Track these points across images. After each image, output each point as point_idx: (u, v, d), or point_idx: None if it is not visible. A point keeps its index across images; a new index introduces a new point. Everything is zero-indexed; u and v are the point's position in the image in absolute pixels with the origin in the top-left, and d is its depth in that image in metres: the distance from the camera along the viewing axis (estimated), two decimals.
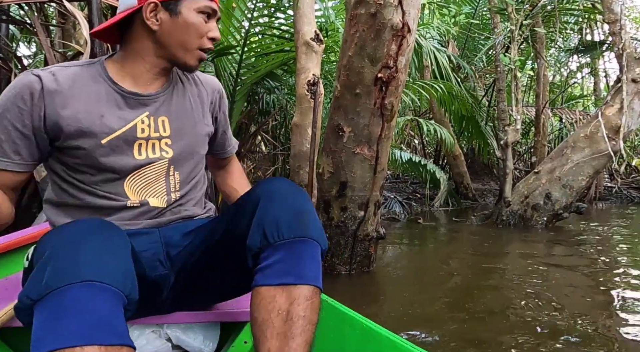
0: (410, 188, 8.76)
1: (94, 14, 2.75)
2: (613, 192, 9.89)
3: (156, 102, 1.31)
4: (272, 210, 1.14)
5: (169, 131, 1.32)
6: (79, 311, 0.87)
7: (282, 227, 1.11)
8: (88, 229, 0.99)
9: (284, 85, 5.71)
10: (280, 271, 1.10)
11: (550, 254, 3.93)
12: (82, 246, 0.94)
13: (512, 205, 5.50)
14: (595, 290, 2.79)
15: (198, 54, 1.30)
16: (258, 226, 1.13)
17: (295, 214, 1.14)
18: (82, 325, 0.86)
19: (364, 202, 2.94)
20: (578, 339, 2.02)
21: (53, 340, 0.86)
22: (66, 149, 1.21)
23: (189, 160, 1.38)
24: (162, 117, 1.32)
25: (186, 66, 1.31)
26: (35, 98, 1.16)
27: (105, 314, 0.89)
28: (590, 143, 5.25)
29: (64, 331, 0.86)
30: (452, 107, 7.21)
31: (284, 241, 1.11)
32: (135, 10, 1.23)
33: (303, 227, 1.14)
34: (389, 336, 1.22)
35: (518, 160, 11.19)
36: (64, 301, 0.88)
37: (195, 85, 1.44)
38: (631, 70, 5.20)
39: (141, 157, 1.28)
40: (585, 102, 13.90)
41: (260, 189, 1.22)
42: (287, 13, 4.76)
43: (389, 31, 2.61)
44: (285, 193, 1.18)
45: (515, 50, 5.95)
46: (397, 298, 2.65)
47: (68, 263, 0.91)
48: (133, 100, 1.28)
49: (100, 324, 0.88)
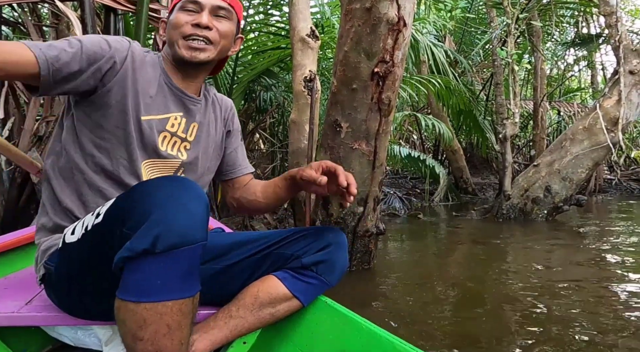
0: (410, 183, 8.76)
1: (87, 14, 2.73)
2: (613, 185, 9.90)
3: (195, 106, 1.44)
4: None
5: (193, 137, 1.44)
6: (190, 268, 1.02)
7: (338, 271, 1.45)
8: (185, 185, 1.05)
9: (281, 83, 5.70)
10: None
11: (551, 247, 3.92)
12: (188, 204, 1.01)
13: (512, 198, 5.49)
14: (597, 283, 2.77)
15: (184, 44, 1.35)
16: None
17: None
18: (193, 279, 1.04)
19: (363, 197, 2.93)
20: (581, 333, 2.01)
21: (177, 290, 1.01)
22: (105, 106, 1.26)
23: (198, 169, 1.48)
24: (194, 122, 1.45)
25: (181, 59, 1.37)
26: (120, 52, 1.27)
27: (197, 269, 1.06)
28: (589, 135, 5.24)
29: (185, 284, 1.02)
30: (450, 102, 7.21)
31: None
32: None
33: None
34: (389, 337, 1.21)
35: (517, 154, 11.20)
36: (184, 259, 1.00)
37: (215, 103, 1.57)
38: (628, 62, 5.20)
39: (163, 148, 1.37)
40: (583, 95, 13.91)
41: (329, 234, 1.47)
42: (283, 10, 4.76)
43: (384, 25, 2.59)
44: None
45: (512, 44, 5.93)
46: (398, 294, 2.64)
47: (184, 223, 0.99)
48: (177, 96, 1.40)
49: (196, 277, 1.06)
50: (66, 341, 1.48)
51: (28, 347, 1.55)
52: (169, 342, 1.03)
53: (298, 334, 1.45)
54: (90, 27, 2.73)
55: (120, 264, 1.00)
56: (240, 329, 1.35)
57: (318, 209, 3.02)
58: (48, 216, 1.31)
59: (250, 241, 1.48)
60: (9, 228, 3.13)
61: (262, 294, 1.37)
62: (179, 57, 1.36)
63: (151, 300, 0.99)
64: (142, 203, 1.01)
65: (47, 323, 1.41)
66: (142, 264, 0.98)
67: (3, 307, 1.35)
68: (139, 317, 1.00)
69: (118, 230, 1.02)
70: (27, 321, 1.35)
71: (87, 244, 1.12)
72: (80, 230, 1.15)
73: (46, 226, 1.31)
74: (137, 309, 0.99)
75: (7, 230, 3.09)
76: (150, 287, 0.99)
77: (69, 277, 1.20)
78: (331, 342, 1.36)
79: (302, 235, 1.47)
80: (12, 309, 1.34)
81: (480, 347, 1.89)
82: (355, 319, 1.33)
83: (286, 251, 1.45)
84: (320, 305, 1.46)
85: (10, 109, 3.57)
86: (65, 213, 1.29)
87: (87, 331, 1.44)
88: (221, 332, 1.33)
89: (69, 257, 1.17)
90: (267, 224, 4.59)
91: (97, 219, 1.10)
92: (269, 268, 1.44)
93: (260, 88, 5.66)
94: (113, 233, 1.04)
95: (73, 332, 1.45)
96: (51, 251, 1.26)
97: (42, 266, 1.27)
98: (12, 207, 3.28)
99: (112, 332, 1.36)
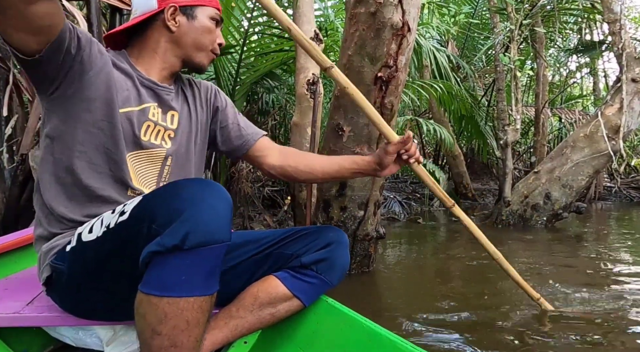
0: (410, 188, 8.76)
1: (93, 14, 2.75)
2: (613, 192, 9.89)
3: (169, 95, 1.45)
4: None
5: (175, 124, 1.45)
6: (213, 267, 1.07)
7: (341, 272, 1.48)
8: (213, 187, 1.08)
9: (284, 85, 5.70)
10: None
11: (551, 254, 3.92)
12: (216, 205, 1.05)
13: (512, 205, 5.49)
14: (597, 290, 2.78)
15: (209, 55, 1.47)
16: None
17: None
18: (214, 278, 1.09)
19: (363, 201, 2.94)
20: (581, 339, 2.01)
21: (199, 287, 1.05)
22: (88, 100, 1.25)
23: (187, 156, 1.48)
24: (172, 111, 1.45)
25: (199, 65, 1.46)
26: (101, 46, 1.30)
27: (219, 268, 1.10)
28: (590, 143, 5.25)
29: (207, 282, 1.06)
30: (452, 107, 7.21)
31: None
32: (153, 14, 1.38)
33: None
34: (389, 336, 1.21)
35: (518, 160, 11.19)
36: (209, 258, 1.04)
37: (193, 88, 1.57)
38: (631, 70, 5.20)
39: (145, 139, 1.37)
40: (585, 102, 13.91)
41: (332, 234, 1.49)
42: (287, 12, 4.75)
43: (389, 30, 2.60)
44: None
45: (515, 49, 5.94)
46: (398, 298, 2.64)
47: (212, 222, 1.03)
48: (149, 87, 1.40)
49: (217, 276, 1.10)
50: (67, 342, 1.48)
51: (29, 348, 1.56)
52: (186, 338, 1.06)
53: (299, 333, 1.45)
54: (95, 26, 2.75)
55: (148, 259, 1.03)
56: (240, 329, 1.36)
57: (319, 212, 3.03)
58: (43, 227, 1.32)
59: (251, 241, 1.50)
60: (10, 226, 3.14)
61: (262, 294, 1.39)
62: (196, 62, 1.45)
63: (174, 295, 1.02)
64: (173, 202, 1.04)
65: (48, 324, 1.41)
66: (169, 260, 1.01)
67: (4, 308, 1.36)
68: (160, 311, 1.03)
69: (146, 227, 1.05)
70: (29, 321, 1.35)
71: (109, 241, 1.14)
72: (100, 228, 1.16)
73: (42, 236, 1.32)
74: (160, 303, 1.03)
75: (9, 228, 3.10)
76: (174, 282, 1.02)
77: (83, 275, 1.20)
78: (332, 341, 1.37)
79: (303, 234, 1.48)
80: (13, 309, 1.35)
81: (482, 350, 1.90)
82: (357, 318, 1.34)
83: (287, 251, 1.46)
84: (321, 304, 1.46)
85: (14, 106, 3.57)
86: (60, 220, 1.29)
87: (89, 331, 1.44)
88: (221, 332, 1.34)
89: (85, 255, 1.18)
90: (267, 225, 4.60)
91: (121, 216, 1.12)
92: (269, 268, 1.46)
93: (262, 90, 5.66)
94: (140, 230, 1.06)
95: (74, 332, 1.46)
96: (55, 250, 1.26)
97: (47, 266, 1.27)
98: (14, 205, 3.29)
99: (113, 332, 1.37)
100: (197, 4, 1.42)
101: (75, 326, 1.43)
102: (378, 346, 1.23)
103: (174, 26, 1.39)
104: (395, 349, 1.18)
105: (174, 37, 1.40)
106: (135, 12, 1.40)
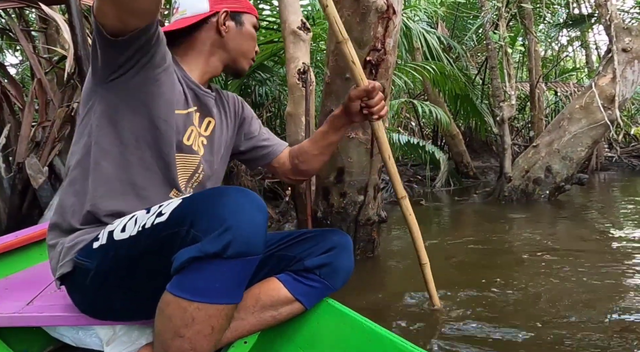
0: (411, 170, 8.74)
1: (74, 17, 2.72)
2: (613, 162, 9.90)
3: (210, 101, 1.46)
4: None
5: (209, 132, 1.47)
6: (245, 277, 1.08)
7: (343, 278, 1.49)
8: (252, 197, 1.09)
9: (276, 77, 5.69)
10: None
11: (556, 227, 3.92)
12: (256, 216, 1.06)
13: (514, 180, 5.48)
14: (605, 261, 2.76)
15: (249, 62, 1.52)
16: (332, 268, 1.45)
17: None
18: (242, 287, 1.10)
19: (362, 186, 2.93)
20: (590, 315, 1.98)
21: (229, 295, 1.07)
22: (153, 94, 1.25)
23: (214, 165, 1.50)
24: (209, 117, 1.46)
25: (242, 71, 1.51)
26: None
27: (249, 279, 1.11)
28: (586, 114, 5.24)
29: (236, 291, 1.08)
30: (446, 87, 7.20)
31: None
32: (205, 17, 1.40)
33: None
34: (390, 337, 1.21)
35: (516, 136, 11.18)
36: (244, 268, 1.05)
37: (222, 97, 1.59)
38: (620, 40, 5.20)
39: (188, 143, 1.37)
40: (579, 75, 13.86)
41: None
42: (272, 4, 4.74)
43: (374, 14, 2.58)
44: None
45: (504, 27, 5.92)
46: (403, 283, 2.60)
47: (252, 234, 1.04)
48: (193, 90, 1.41)
49: (244, 286, 1.11)
50: (67, 341, 1.48)
51: (29, 348, 1.56)
52: (206, 343, 1.07)
53: (299, 333, 1.45)
54: (78, 30, 2.72)
55: (186, 263, 1.02)
56: (241, 330, 1.36)
57: (319, 200, 3.02)
58: (65, 220, 1.28)
59: None
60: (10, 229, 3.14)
61: (263, 296, 1.38)
62: (240, 67, 1.49)
63: (206, 301, 1.04)
64: (215, 209, 1.04)
65: (48, 323, 1.41)
66: (207, 266, 1.02)
67: (4, 308, 1.36)
68: (189, 315, 1.04)
69: (185, 230, 1.05)
70: (29, 321, 1.35)
71: (142, 241, 1.13)
72: (134, 227, 1.14)
73: (63, 229, 1.29)
74: (189, 308, 1.03)
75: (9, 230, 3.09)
76: (208, 288, 1.03)
77: (111, 273, 1.19)
78: (332, 342, 1.36)
79: (306, 237, 1.49)
80: (13, 309, 1.35)
81: (489, 341, 1.88)
82: (357, 319, 1.33)
83: (289, 253, 1.46)
84: (322, 305, 1.46)
85: (5, 115, 3.56)
86: (90, 214, 1.26)
87: (89, 331, 1.44)
88: None
89: (117, 254, 1.16)
90: (270, 217, 4.59)
91: (159, 217, 1.10)
92: (271, 270, 1.45)
93: (255, 83, 5.65)
94: (178, 233, 1.06)
95: (74, 332, 1.46)
96: (80, 246, 1.23)
97: (69, 261, 1.23)
98: (15, 213, 3.29)
99: (113, 332, 1.36)
100: (245, 11, 1.46)
101: (75, 326, 1.43)
102: (378, 346, 1.23)
103: (225, 31, 1.42)
104: (396, 349, 1.17)
105: (222, 41, 1.43)
106: (185, 13, 1.41)
